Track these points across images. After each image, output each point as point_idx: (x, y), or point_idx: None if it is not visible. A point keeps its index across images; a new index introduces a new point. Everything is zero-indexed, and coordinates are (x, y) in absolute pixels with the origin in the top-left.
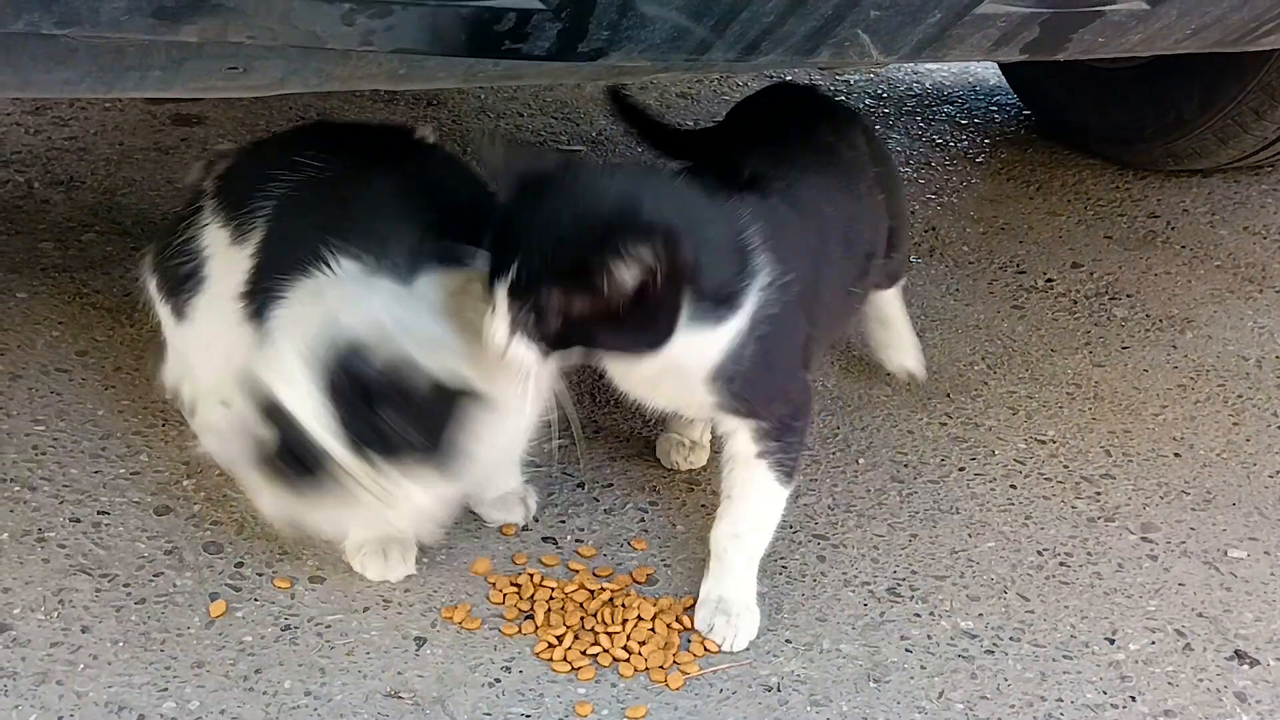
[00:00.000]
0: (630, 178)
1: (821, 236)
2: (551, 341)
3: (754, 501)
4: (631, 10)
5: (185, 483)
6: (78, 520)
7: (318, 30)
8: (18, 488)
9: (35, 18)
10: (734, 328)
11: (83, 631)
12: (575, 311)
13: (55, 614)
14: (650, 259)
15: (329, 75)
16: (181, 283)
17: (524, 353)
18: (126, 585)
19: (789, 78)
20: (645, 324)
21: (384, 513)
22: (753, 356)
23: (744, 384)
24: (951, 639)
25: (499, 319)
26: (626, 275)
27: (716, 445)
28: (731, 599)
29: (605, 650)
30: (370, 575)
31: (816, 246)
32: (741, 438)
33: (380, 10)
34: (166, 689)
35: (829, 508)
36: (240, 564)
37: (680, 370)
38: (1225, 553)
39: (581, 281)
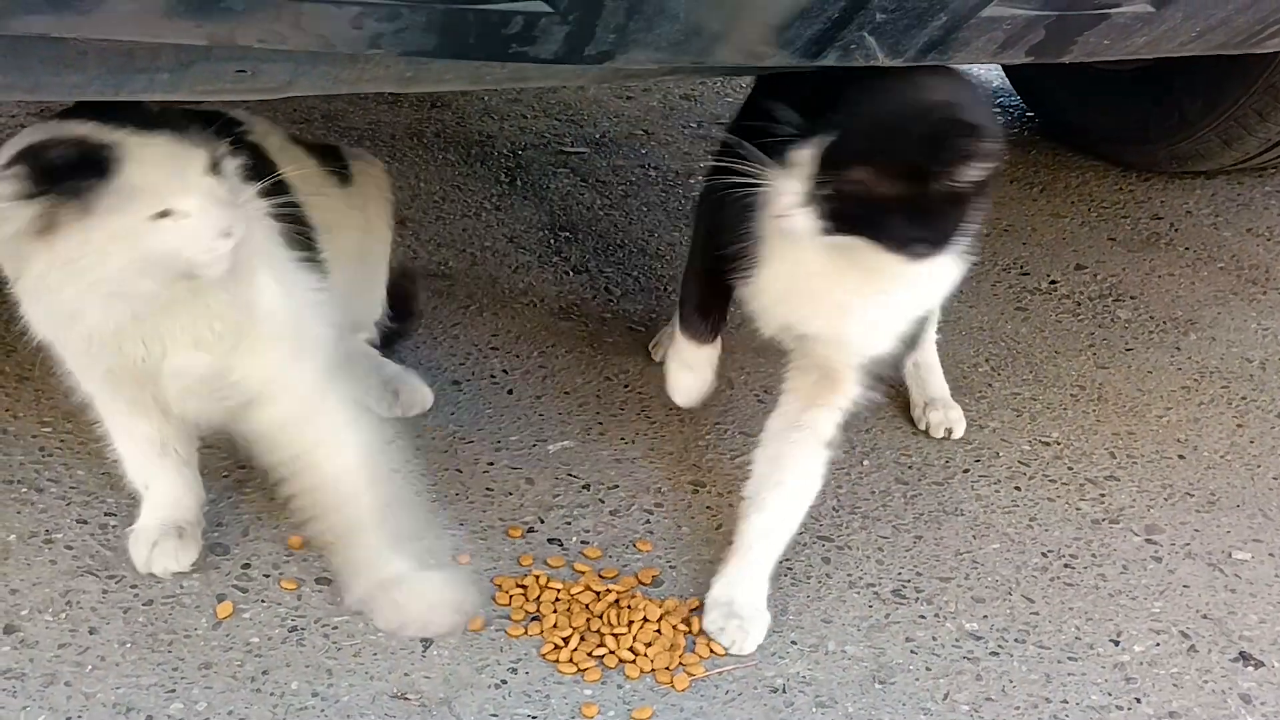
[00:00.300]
0: (965, 88)
1: None
2: (837, 221)
3: (804, 488)
4: (638, 13)
5: None
6: (85, 522)
7: (326, 34)
8: (25, 489)
9: (44, 20)
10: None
11: (90, 633)
12: (880, 194)
13: (63, 615)
14: (989, 163)
15: (337, 78)
16: None
17: (802, 223)
18: (134, 586)
19: None
20: (942, 223)
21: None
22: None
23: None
24: (956, 640)
25: (793, 181)
26: (965, 171)
27: (725, 448)
28: (744, 602)
29: (611, 652)
30: (155, 570)
31: None
32: (825, 420)
33: (388, 14)
34: (174, 690)
35: (834, 509)
36: (247, 565)
37: (917, 292)
38: (1229, 554)
39: (903, 167)
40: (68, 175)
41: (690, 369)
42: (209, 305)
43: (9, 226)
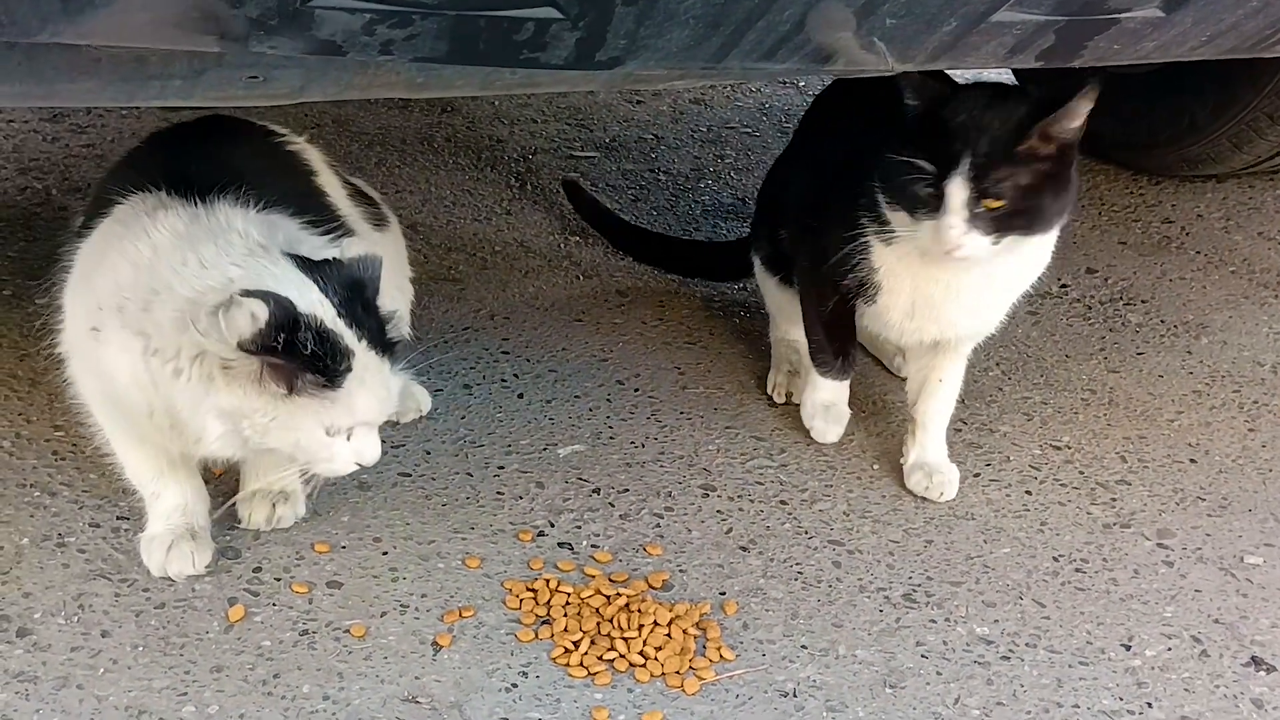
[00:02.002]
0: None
1: None
2: (999, 229)
3: (957, 380)
4: (649, 19)
5: None
6: (97, 525)
7: (338, 40)
8: (38, 493)
9: (59, 28)
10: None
11: (103, 636)
12: (1022, 184)
13: (75, 618)
14: (1077, 126)
15: (348, 84)
16: None
17: (977, 245)
18: (146, 590)
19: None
20: (1063, 189)
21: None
22: None
23: None
24: (967, 645)
25: (953, 215)
26: (1071, 126)
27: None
28: (936, 461)
29: (621, 655)
30: (170, 573)
31: None
32: (969, 344)
33: (400, 20)
34: (186, 693)
35: (844, 514)
36: (258, 569)
37: (1026, 272)
38: (1241, 559)
39: (1017, 155)
40: (297, 359)
41: (829, 407)
42: None
43: (214, 347)
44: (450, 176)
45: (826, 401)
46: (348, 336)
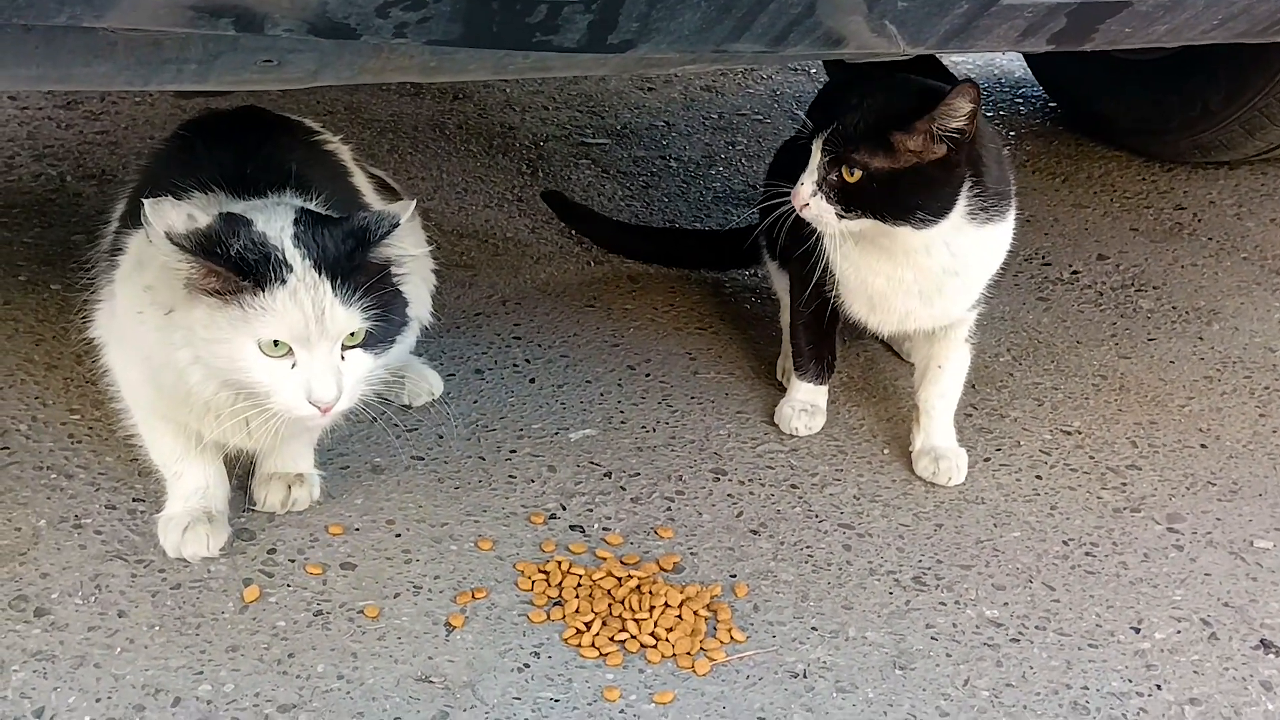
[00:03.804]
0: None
1: None
2: (846, 204)
3: (959, 366)
4: (661, 2)
5: None
6: (114, 507)
7: (352, 23)
8: (54, 475)
9: (76, 11)
10: (1007, 232)
11: (119, 616)
12: (876, 167)
13: (93, 599)
14: (958, 125)
15: (362, 68)
16: None
17: (823, 208)
18: (162, 571)
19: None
20: (931, 192)
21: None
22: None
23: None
24: (977, 627)
25: (808, 173)
26: (944, 122)
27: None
28: (943, 445)
29: (633, 637)
30: (185, 554)
31: None
32: (959, 330)
33: (414, 3)
34: (202, 672)
35: (854, 497)
36: (273, 550)
37: (967, 267)
38: (1251, 543)
39: (887, 140)
40: (230, 264)
41: (807, 411)
42: None
43: (162, 257)
44: (462, 163)
45: (803, 403)
46: (290, 252)
